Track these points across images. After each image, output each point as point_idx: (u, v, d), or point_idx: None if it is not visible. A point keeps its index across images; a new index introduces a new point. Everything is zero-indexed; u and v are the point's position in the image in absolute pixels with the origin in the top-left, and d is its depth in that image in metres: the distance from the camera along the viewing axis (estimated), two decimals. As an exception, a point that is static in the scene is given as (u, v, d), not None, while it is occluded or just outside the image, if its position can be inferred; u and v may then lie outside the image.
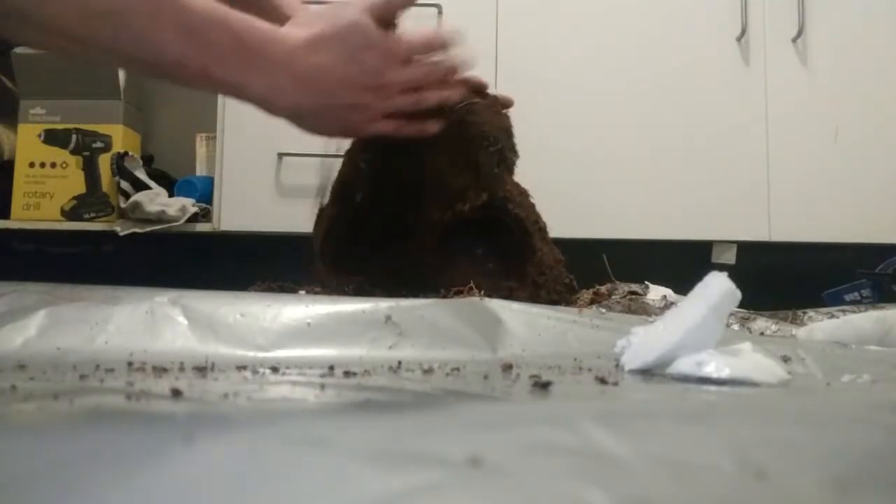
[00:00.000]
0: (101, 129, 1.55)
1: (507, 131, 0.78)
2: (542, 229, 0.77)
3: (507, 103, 0.82)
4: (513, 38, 1.49)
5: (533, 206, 0.79)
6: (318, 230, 0.78)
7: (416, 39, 0.70)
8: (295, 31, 0.61)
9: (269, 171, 1.46)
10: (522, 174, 1.51)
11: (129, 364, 0.38)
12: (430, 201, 0.73)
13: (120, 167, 1.51)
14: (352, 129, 0.69)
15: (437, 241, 0.74)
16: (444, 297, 0.63)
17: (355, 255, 0.75)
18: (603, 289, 0.97)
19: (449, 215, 0.73)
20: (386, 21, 0.68)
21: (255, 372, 0.37)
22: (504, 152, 0.76)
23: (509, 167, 0.78)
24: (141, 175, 1.55)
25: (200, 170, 1.62)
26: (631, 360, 0.43)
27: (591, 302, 0.89)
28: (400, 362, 0.42)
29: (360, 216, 0.76)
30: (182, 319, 0.45)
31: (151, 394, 0.29)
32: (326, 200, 0.78)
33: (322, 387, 0.33)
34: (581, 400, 0.32)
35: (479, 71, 1.57)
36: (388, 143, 0.71)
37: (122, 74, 1.57)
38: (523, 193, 0.79)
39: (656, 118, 1.48)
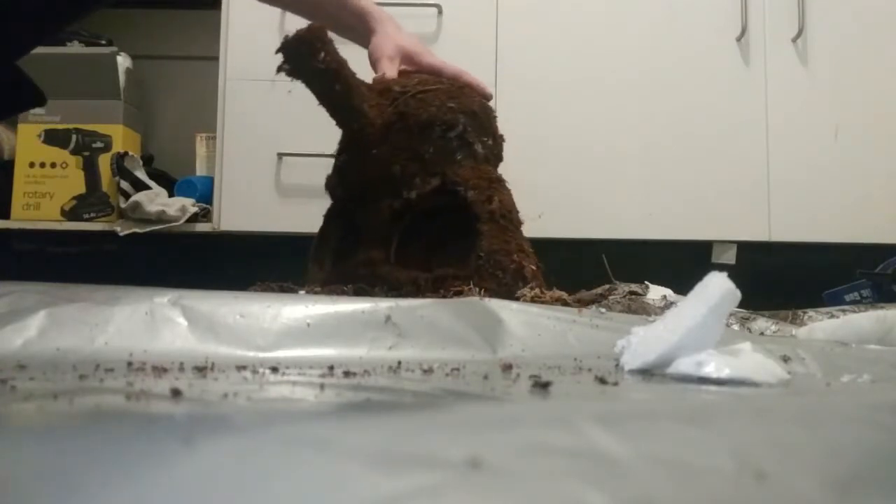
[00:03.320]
0: (101, 129, 1.55)
1: (474, 114, 0.77)
2: (497, 211, 0.73)
3: (484, 95, 0.81)
4: (513, 38, 1.49)
5: (496, 189, 0.75)
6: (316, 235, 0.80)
7: None
8: None
9: (269, 171, 1.46)
10: (523, 174, 1.51)
11: (129, 364, 0.38)
12: (378, 192, 0.74)
13: (120, 167, 1.51)
14: None
15: (393, 231, 0.74)
16: (444, 296, 0.63)
17: (344, 249, 0.77)
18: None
19: (398, 204, 0.73)
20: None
21: (254, 372, 0.37)
22: (466, 136, 0.75)
23: (477, 152, 0.76)
24: (141, 175, 1.55)
25: (200, 170, 1.62)
26: (631, 360, 0.42)
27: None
28: (400, 362, 0.42)
29: (348, 213, 0.77)
30: (182, 320, 0.45)
31: (151, 394, 0.29)
32: None
33: (322, 387, 0.33)
34: (581, 400, 0.32)
35: (480, 71, 1.57)
36: (356, 142, 0.73)
37: (122, 74, 1.57)
38: (485, 177, 0.75)
39: (656, 118, 1.48)
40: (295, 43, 0.67)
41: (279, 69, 0.69)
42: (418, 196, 0.73)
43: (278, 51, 0.67)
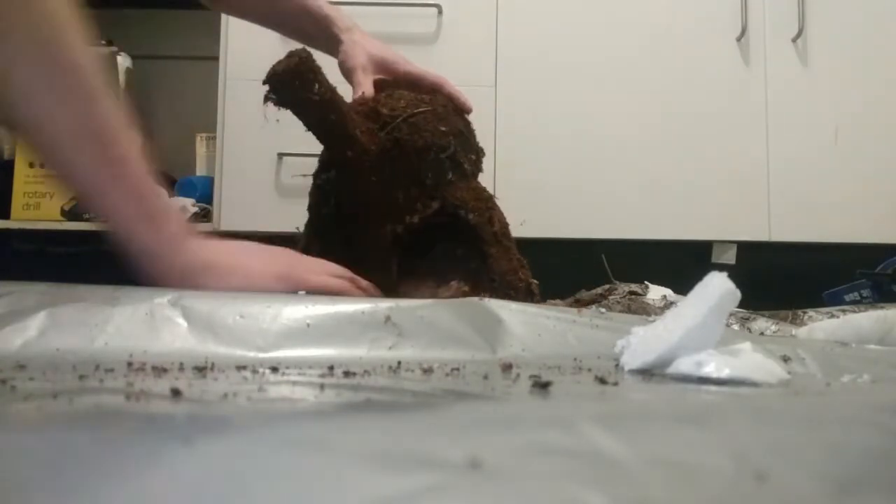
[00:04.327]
0: (101, 129, 1.55)
1: (460, 134, 0.78)
2: (499, 233, 0.76)
3: (465, 109, 0.81)
4: (513, 38, 1.49)
5: (492, 208, 0.78)
6: (296, 249, 0.80)
7: None
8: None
9: (269, 171, 1.46)
10: (523, 174, 1.51)
11: (129, 364, 0.38)
12: (379, 217, 0.74)
13: (120, 167, 1.51)
14: (293, 279, 0.58)
15: (394, 253, 0.75)
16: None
17: None
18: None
19: (401, 228, 0.74)
20: None
21: (254, 372, 0.37)
22: (456, 157, 0.76)
23: (466, 170, 0.77)
24: (141, 175, 1.55)
25: (200, 170, 1.62)
26: (631, 360, 0.42)
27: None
28: (400, 362, 0.42)
29: (332, 232, 0.77)
30: (181, 321, 0.45)
31: (151, 393, 0.29)
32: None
33: (322, 387, 0.33)
34: (581, 400, 0.32)
35: (479, 71, 1.57)
36: (341, 164, 0.73)
37: (122, 74, 1.57)
38: (481, 198, 0.77)
39: (656, 118, 1.48)
40: (286, 75, 0.65)
41: (266, 99, 0.67)
42: (420, 219, 0.74)
43: (266, 82, 0.66)
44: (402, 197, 0.74)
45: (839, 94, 1.48)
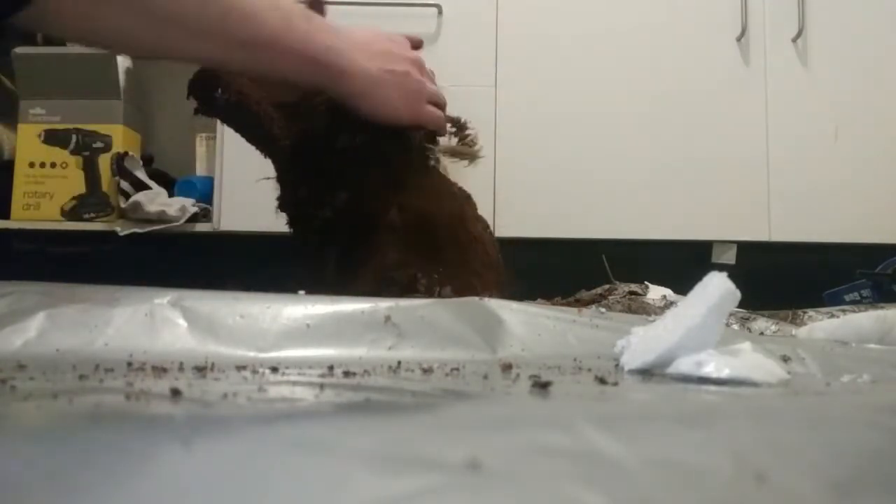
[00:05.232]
0: (101, 129, 1.55)
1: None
2: (395, 223, 0.68)
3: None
4: (513, 38, 1.49)
5: (400, 196, 0.69)
6: None
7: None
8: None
9: (269, 171, 1.46)
10: (523, 173, 1.51)
11: (129, 364, 0.38)
12: (298, 213, 0.76)
13: (120, 167, 1.51)
14: (414, 106, 0.69)
15: (327, 248, 0.73)
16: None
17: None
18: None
19: (318, 222, 0.73)
20: None
21: (254, 372, 0.37)
22: (376, 137, 0.69)
23: (387, 154, 0.70)
24: (141, 175, 1.55)
25: (200, 170, 1.62)
26: (631, 360, 0.42)
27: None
28: (399, 362, 0.42)
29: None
30: (182, 322, 0.45)
31: (151, 393, 0.29)
32: None
33: (322, 387, 0.33)
34: (581, 400, 0.32)
35: (479, 71, 1.57)
36: (274, 168, 0.77)
37: (121, 74, 1.57)
38: (395, 184, 0.70)
39: (656, 118, 1.48)
40: (193, 85, 0.69)
41: (195, 112, 0.72)
42: (334, 214, 0.70)
43: (188, 95, 0.70)
44: (307, 192, 0.73)
45: (839, 94, 1.49)
